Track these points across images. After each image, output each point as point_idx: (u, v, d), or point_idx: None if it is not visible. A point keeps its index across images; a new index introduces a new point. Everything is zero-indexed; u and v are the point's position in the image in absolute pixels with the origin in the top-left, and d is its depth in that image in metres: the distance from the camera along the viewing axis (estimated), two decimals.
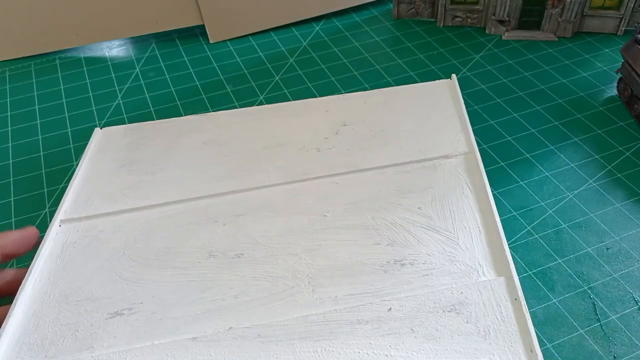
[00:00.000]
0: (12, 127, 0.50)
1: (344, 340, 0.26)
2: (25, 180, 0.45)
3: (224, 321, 0.27)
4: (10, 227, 0.40)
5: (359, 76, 0.54)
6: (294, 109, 0.42)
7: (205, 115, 0.42)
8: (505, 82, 0.52)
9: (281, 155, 0.37)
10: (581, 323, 0.32)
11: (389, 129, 0.39)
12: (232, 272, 0.30)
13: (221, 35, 0.60)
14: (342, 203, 0.33)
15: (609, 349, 0.31)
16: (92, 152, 0.39)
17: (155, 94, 0.53)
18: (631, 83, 0.46)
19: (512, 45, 0.57)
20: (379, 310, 0.27)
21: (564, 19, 0.56)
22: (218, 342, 0.26)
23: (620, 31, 0.57)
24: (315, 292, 0.28)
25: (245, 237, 0.32)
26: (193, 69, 0.57)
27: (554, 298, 0.34)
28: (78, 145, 0.48)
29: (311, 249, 0.31)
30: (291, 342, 0.26)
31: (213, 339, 0.26)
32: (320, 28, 0.62)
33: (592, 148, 0.44)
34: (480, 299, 0.27)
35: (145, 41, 0.61)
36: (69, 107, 0.52)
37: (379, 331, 0.26)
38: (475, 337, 0.25)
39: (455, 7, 0.59)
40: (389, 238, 0.31)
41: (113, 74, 0.57)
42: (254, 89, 0.53)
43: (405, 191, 0.34)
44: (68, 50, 0.60)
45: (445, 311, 0.27)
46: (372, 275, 0.29)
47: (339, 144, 0.38)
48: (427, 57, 0.56)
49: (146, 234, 0.32)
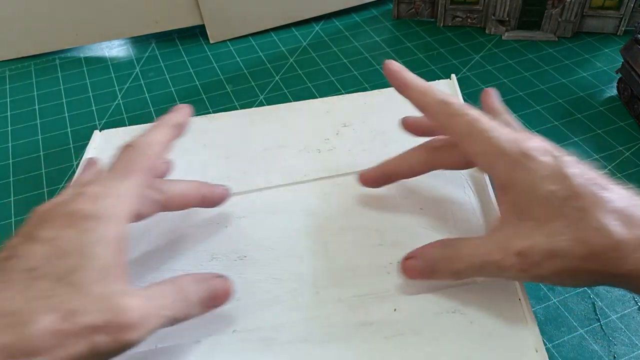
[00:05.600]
0: (12, 127, 0.50)
1: (348, 342, 0.26)
2: (25, 180, 0.45)
3: (227, 324, 0.27)
4: (10, 227, 0.40)
5: (359, 76, 0.54)
6: (294, 109, 0.42)
7: (205, 117, 0.42)
8: (505, 82, 0.52)
9: (282, 156, 0.37)
10: (581, 323, 0.32)
11: (389, 130, 0.39)
12: (234, 275, 0.30)
13: (221, 35, 0.60)
14: (344, 204, 0.33)
15: (609, 349, 0.31)
16: (91, 155, 0.39)
17: (155, 94, 0.53)
18: (631, 83, 0.46)
19: (512, 45, 0.57)
20: (383, 311, 0.27)
21: (564, 19, 0.56)
22: (222, 345, 0.26)
23: (620, 31, 0.57)
24: (318, 293, 0.28)
25: (247, 239, 0.32)
26: (193, 69, 0.57)
27: (554, 298, 0.34)
28: (78, 145, 0.48)
29: (314, 251, 0.31)
30: (295, 344, 0.26)
31: (216, 342, 0.26)
32: (320, 28, 0.62)
33: (592, 148, 0.44)
34: (484, 300, 0.27)
35: (145, 41, 0.61)
36: (69, 107, 0.52)
37: (383, 333, 0.26)
38: (480, 338, 0.26)
39: (455, 7, 0.59)
40: (392, 239, 0.31)
41: (113, 74, 0.57)
42: (254, 89, 0.53)
43: (406, 192, 0.34)
44: (68, 50, 0.60)
45: (449, 312, 0.27)
46: (375, 276, 0.29)
47: (340, 144, 0.38)
48: (427, 57, 0.56)
49: (147, 237, 0.32)
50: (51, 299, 0.20)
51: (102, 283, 0.21)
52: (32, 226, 0.22)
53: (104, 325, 0.20)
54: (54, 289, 0.20)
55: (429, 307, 0.27)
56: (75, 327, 0.20)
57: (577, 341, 0.31)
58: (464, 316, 0.27)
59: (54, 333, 0.19)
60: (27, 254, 0.21)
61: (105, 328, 0.20)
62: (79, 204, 0.23)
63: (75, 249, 0.21)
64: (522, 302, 0.27)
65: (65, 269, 0.21)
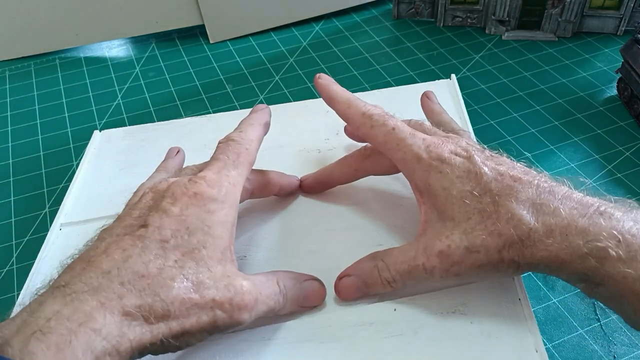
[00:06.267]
0: (12, 127, 0.50)
1: (349, 342, 0.26)
2: (25, 180, 0.45)
3: None
4: (10, 227, 0.41)
5: (359, 76, 0.54)
6: (294, 109, 0.42)
7: (205, 117, 0.42)
8: (505, 82, 0.52)
9: (282, 156, 0.37)
10: (581, 323, 0.32)
11: None
12: None
13: (221, 35, 0.60)
14: (344, 204, 0.34)
15: (609, 349, 0.31)
16: (91, 155, 0.39)
17: (155, 94, 0.53)
18: (631, 83, 0.46)
19: (512, 45, 0.57)
20: (382, 311, 0.27)
21: (564, 19, 0.56)
22: (222, 345, 0.26)
23: (620, 31, 0.57)
24: None
25: (247, 239, 0.32)
26: (193, 69, 0.57)
27: (554, 298, 0.34)
28: (78, 145, 0.48)
29: (314, 251, 0.31)
30: (296, 344, 0.26)
31: (217, 342, 0.26)
32: (320, 28, 0.62)
33: (592, 148, 0.44)
34: (484, 300, 0.27)
35: (145, 41, 0.61)
36: (69, 107, 0.52)
37: (383, 333, 0.26)
38: (480, 338, 0.26)
39: (455, 7, 0.59)
40: (392, 239, 0.31)
41: (113, 74, 0.57)
42: (254, 89, 0.53)
43: (406, 191, 0.34)
44: (68, 50, 0.60)
45: (449, 312, 0.27)
46: None
47: (339, 144, 0.38)
48: (427, 57, 0.56)
49: None
50: (182, 270, 0.22)
51: (222, 263, 0.23)
52: (157, 200, 0.24)
53: (226, 302, 0.22)
54: (183, 261, 0.22)
55: (429, 307, 0.27)
56: (203, 299, 0.21)
57: (577, 341, 0.31)
58: (464, 316, 0.27)
59: (185, 301, 0.21)
60: (159, 225, 0.23)
61: (226, 305, 0.22)
62: (202, 187, 0.24)
63: (201, 228, 0.23)
64: (522, 302, 0.27)
65: (193, 245, 0.23)
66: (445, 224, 0.25)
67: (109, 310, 0.19)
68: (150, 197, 0.25)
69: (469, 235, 0.24)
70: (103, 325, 0.19)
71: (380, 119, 0.28)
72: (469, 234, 0.24)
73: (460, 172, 0.25)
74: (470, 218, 0.24)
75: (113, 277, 0.20)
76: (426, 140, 0.27)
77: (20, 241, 0.39)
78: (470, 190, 0.24)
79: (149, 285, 0.21)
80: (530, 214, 0.23)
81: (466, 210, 0.24)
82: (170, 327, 0.20)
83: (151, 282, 0.21)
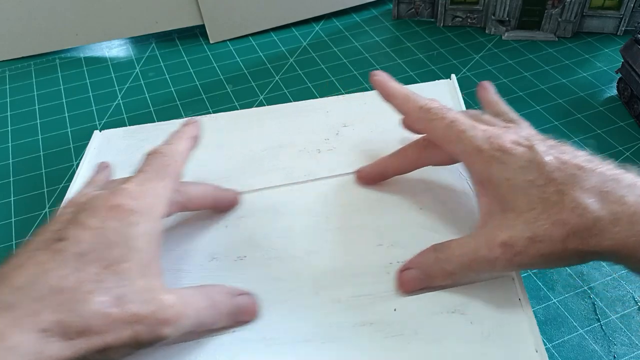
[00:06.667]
0: (12, 127, 0.50)
1: (349, 342, 0.26)
2: (25, 180, 0.45)
3: None
4: (10, 227, 0.40)
5: (359, 76, 0.54)
6: (294, 110, 0.42)
7: (205, 117, 0.42)
8: (505, 82, 0.52)
9: (282, 156, 0.37)
10: (581, 323, 0.32)
11: (389, 130, 0.39)
12: (234, 275, 0.30)
13: (221, 35, 0.60)
14: (344, 204, 0.34)
15: (609, 349, 0.31)
16: (91, 155, 0.39)
17: (155, 94, 0.53)
18: (631, 83, 0.46)
19: (512, 45, 0.57)
20: (382, 311, 0.27)
21: (564, 19, 0.56)
22: (222, 345, 0.26)
23: (620, 31, 0.57)
24: (318, 294, 0.28)
25: (247, 239, 0.32)
26: (193, 69, 0.57)
27: (554, 298, 0.34)
28: (78, 145, 0.48)
29: (313, 251, 0.31)
30: (295, 344, 0.26)
31: (217, 342, 0.26)
32: (320, 28, 0.62)
33: (592, 148, 0.44)
34: (484, 300, 0.27)
35: (145, 41, 0.61)
36: (69, 107, 0.52)
37: (382, 333, 0.26)
38: (480, 338, 0.26)
39: (455, 7, 0.59)
40: (391, 239, 0.31)
41: (113, 74, 0.57)
42: (254, 89, 0.53)
43: (407, 192, 0.34)
44: (68, 50, 0.60)
45: (449, 312, 0.27)
46: (375, 276, 0.29)
47: (339, 145, 0.38)
48: (427, 57, 0.56)
49: None
50: (101, 284, 0.21)
51: (145, 276, 0.22)
52: (76, 213, 0.23)
53: (148, 316, 0.21)
54: (102, 274, 0.21)
55: (429, 307, 0.27)
56: (124, 313, 0.21)
57: (577, 341, 0.31)
58: (464, 316, 0.27)
59: (105, 315, 0.20)
60: (77, 238, 0.22)
61: (148, 319, 0.21)
62: (123, 199, 0.24)
63: (121, 241, 0.22)
64: (522, 302, 0.27)
65: (113, 258, 0.22)
66: (507, 214, 0.25)
67: (24, 327, 0.19)
68: (70, 211, 0.24)
69: (532, 225, 0.24)
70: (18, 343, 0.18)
71: (439, 112, 0.28)
72: (532, 223, 0.24)
73: (522, 162, 0.25)
74: (534, 208, 0.24)
75: (27, 292, 0.20)
76: (487, 131, 0.27)
77: (20, 241, 0.39)
78: (533, 180, 0.24)
79: (67, 300, 0.20)
80: (596, 202, 0.23)
81: (529, 200, 0.24)
82: (91, 342, 0.20)
83: (69, 296, 0.20)
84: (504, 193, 0.25)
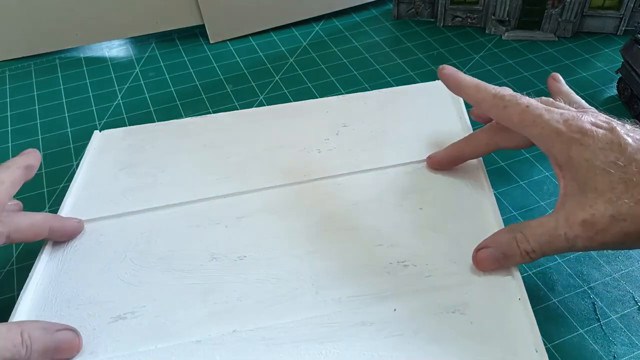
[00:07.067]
0: (12, 127, 0.50)
1: (349, 342, 0.26)
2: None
3: (228, 324, 0.27)
4: None
5: (359, 76, 0.54)
6: (294, 110, 0.42)
7: (205, 117, 0.42)
8: (505, 82, 0.52)
9: (282, 156, 0.37)
10: (581, 323, 0.32)
11: (389, 130, 0.39)
12: (235, 275, 0.30)
13: (221, 35, 0.60)
14: (344, 204, 0.34)
15: (609, 349, 0.31)
16: (91, 155, 0.39)
17: (155, 94, 0.53)
18: (631, 83, 0.46)
19: (512, 45, 0.57)
20: (382, 311, 0.27)
21: (564, 19, 0.56)
22: (222, 345, 0.26)
23: (620, 31, 0.57)
24: (318, 293, 0.28)
25: (247, 239, 0.32)
26: (193, 69, 0.57)
27: (554, 298, 0.34)
28: (78, 145, 0.48)
29: (314, 251, 0.31)
30: (295, 344, 0.26)
31: (217, 341, 0.26)
32: (320, 28, 0.62)
33: None
34: (484, 300, 0.27)
35: (145, 41, 0.61)
36: (69, 107, 0.52)
37: (383, 332, 0.26)
38: (480, 337, 0.26)
39: (455, 7, 0.59)
40: (391, 239, 0.31)
41: (113, 74, 0.57)
42: (254, 89, 0.53)
43: (406, 192, 0.34)
44: (68, 50, 0.60)
45: (449, 312, 0.27)
46: (375, 276, 0.29)
47: (339, 145, 0.38)
48: (427, 57, 0.56)
49: (147, 237, 0.32)
50: None
51: None
52: None
53: None
54: None
55: (429, 307, 0.27)
56: None
57: (577, 341, 0.31)
58: (464, 316, 0.27)
59: None
60: None
61: None
62: None
63: None
64: (522, 302, 0.27)
65: None
66: (587, 195, 0.25)
67: None
68: None
69: (614, 204, 0.24)
70: None
71: (513, 99, 0.29)
72: (614, 202, 0.24)
73: (602, 143, 0.25)
74: (615, 187, 0.24)
75: None
76: (564, 114, 0.27)
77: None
78: (614, 161, 0.25)
79: None
80: None
81: (610, 180, 0.24)
82: None
83: None
84: (584, 174, 0.25)
